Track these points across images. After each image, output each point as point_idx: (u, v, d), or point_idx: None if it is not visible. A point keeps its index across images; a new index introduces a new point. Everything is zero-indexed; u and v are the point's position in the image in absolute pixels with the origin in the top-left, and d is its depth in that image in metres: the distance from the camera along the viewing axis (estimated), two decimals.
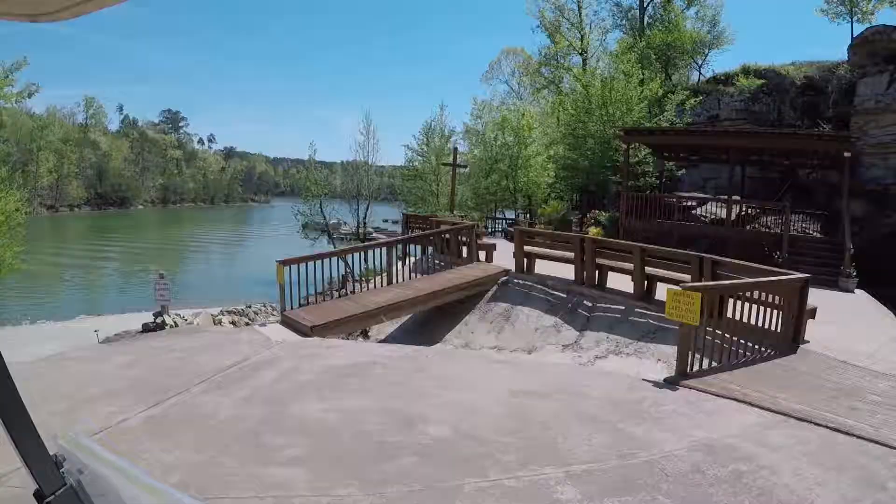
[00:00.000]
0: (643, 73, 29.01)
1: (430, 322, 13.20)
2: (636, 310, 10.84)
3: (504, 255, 14.70)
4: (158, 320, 12.61)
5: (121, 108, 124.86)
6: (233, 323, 14.87)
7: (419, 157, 36.39)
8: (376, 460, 4.99)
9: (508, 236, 23.09)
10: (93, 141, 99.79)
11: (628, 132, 21.58)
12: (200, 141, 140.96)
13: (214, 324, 14.38)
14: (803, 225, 20.42)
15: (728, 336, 7.83)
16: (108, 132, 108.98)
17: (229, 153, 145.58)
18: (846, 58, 24.62)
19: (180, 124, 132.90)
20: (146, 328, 12.53)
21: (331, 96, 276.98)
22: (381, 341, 12.67)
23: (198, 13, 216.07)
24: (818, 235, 19.55)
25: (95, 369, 8.61)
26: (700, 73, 37.29)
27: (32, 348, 10.94)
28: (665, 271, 10.83)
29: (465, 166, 32.88)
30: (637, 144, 23.89)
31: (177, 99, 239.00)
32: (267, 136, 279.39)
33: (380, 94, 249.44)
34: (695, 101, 28.45)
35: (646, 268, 11.07)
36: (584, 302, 11.72)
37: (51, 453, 1.11)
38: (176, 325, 12.56)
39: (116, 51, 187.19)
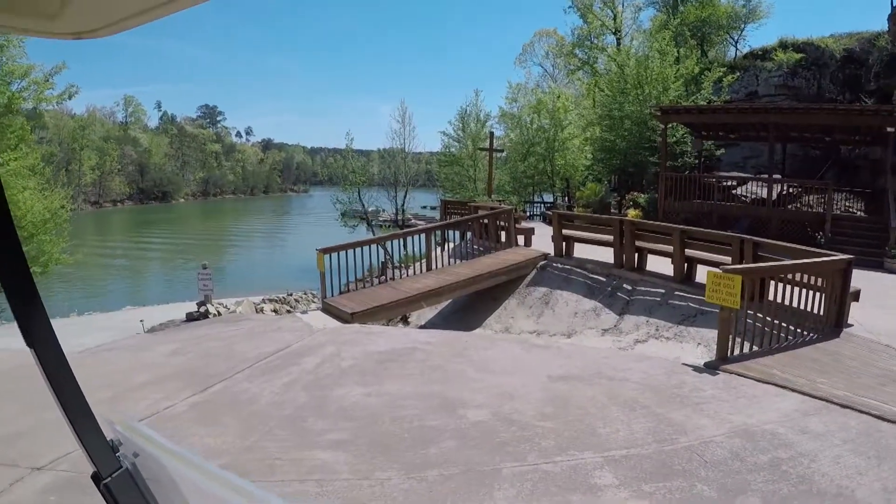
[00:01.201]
0: (678, 51, 28.40)
1: (469, 307, 13.21)
2: (676, 293, 10.69)
3: (543, 239, 14.64)
4: (202, 309, 12.78)
5: (159, 106, 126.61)
6: (274, 311, 15.05)
7: (455, 143, 36.28)
8: (417, 444, 5.04)
9: (547, 220, 22.91)
10: (133, 138, 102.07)
11: (665, 111, 21.15)
12: (238, 134, 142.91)
13: (256, 312, 14.58)
14: (846, 204, 19.61)
15: (769, 319, 7.70)
16: (147, 129, 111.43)
17: (267, 145, 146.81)
18: (886, 28, 23.88)
19: (218, 119, 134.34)
20: (190, 317, 12.72)
21: (366, 85, 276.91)
22: (420, 327, 12.71)
23: (231, 9, 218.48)
24: (862, 215, 18.91)
25: (141, 358, 8.85)
26: (736, 49, 36.24)
27: (81, 339, 11.16)
28: (705, 253, 10.64)
29: (502, 150, 32.80)
30: (675, 124, 23.39)
31: (214, 95, 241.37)
32: (303, 126, 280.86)
33: (415, 81, 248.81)
34: (732, 77, 27.71)
35: (686, 250, 10.89)
36: (624, 285, 11.59)
37: (107, 438, 1.14)
38: (219, 313, 12.67)
39: (153, 51, 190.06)
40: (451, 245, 15.86)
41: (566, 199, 30.55)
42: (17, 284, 0.91)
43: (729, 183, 20.97)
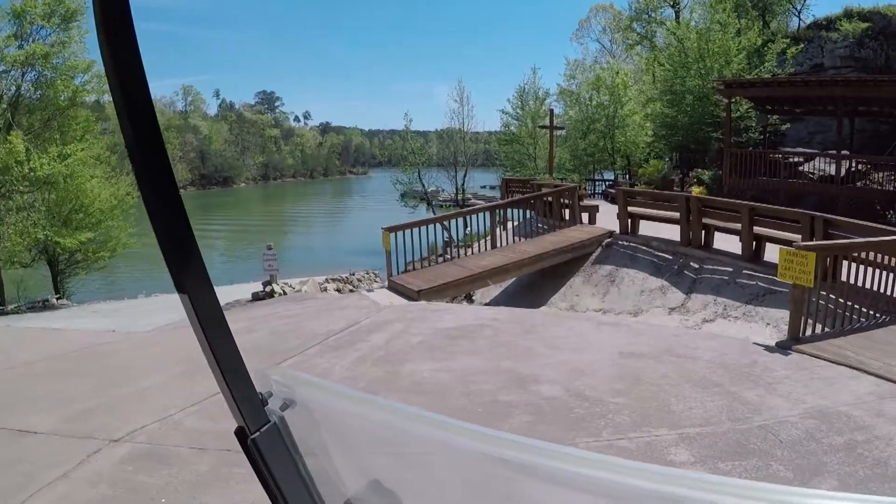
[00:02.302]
0: (739, 22, 27.30)
1: (534, 285, 13.21)
2: (744, 271, 10.47)
3: (606, 217, 14.50)
4: (267, 289, 12.92)
5: (217, 94, 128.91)
6: (337, 290, 15.23)
7: (515, 121, 35.85)
8: (490, 418, 5.08)
9: (608, 198, 22.64)
10: (193, 126, 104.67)
11: (729, 85, 20.49)
12: (296, 118, 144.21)
13: (321, 291, 14.82)
14: None
15: (841, 301, 7.55)
16: (207, 117, 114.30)
17: (325, 128, 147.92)
18: None
19: (276, 104, 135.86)
20: (256, 297, 12.86)
21: (421, 67, 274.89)
22: (485, 305, 12.77)
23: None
24: None
25: None
26: (799, 19, 34.54)
27: (151, 318, 11.49)
28: (774, 231, 10.36)
29: (563, 128, 32.28)
30: (738, 98, 22.77)
31: (270, 81, 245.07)
32: (360, 109, 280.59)
33: (470, 61, 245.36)
34: (795, 49, 26.68)
35: (754, 227, 10.64)
36: (691, 263, 11.41)
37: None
38: (284, 293, 12.83)
39: (209, 41, 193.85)
40: (514, 223, 15.81)
41: (627, 176, 30.10)
42: (172, 222, 0.89)
43: (795, 159, 20.33)
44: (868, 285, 7.77)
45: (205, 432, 5.17)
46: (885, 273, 7.85)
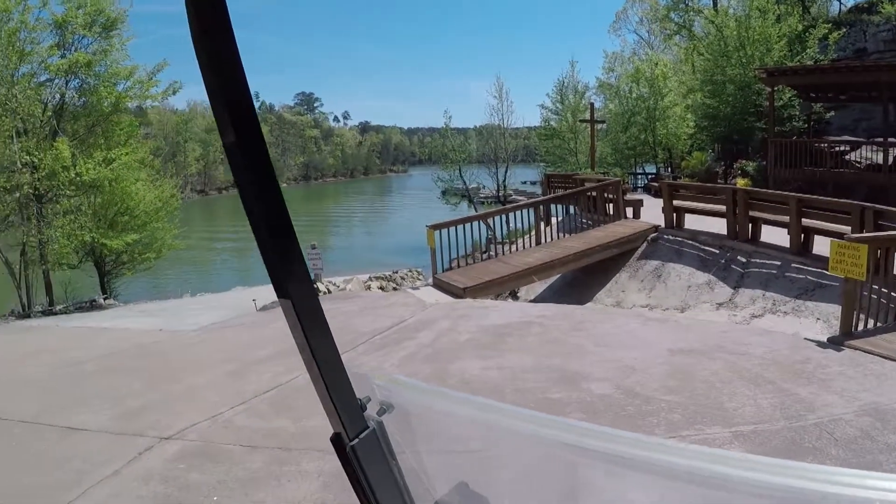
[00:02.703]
0: (778, 8, 26.52)
1: (579, 282, 13.15)
2: (792, 265, 10.27)
3: (650, 211, 14.35)
4: None
5: (257, 96, 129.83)
6: (381, 288, 15.30)
7: (555, 116, 35.45)
8: None
9: (651, 191, 22.34)
10: None
11: (771, 73, 20.00)
12: (336, 119, 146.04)
13: (365, 290, 14.94)
14: None
15: (894, 294, 7.37)
16: None
17: (364, 128, 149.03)
18: None
19: (315, 105, 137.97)
20: None
21: (457, 65, 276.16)
22: (530, 302, 12.72)
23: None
24: None
25: (259, 334, 9.19)
26: (840, 3, 33.71)
27: (197, 318, 11.54)
28: (823, 223, 10.12)
29: (603, 122, 32.03)
30: (781, 87, 22.29)
31: (309, 82, 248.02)
32: (398, 108, 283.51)
33: (506, 57, 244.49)
34: (837, 34, 25.79)
35: (802, 219, 10.40)
36: (738, 257, 11.22)
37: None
38: (329, 291, 12.82)
39: (246, 45, 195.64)
40: (556, 219, 15.76)
41: (669, 169, 29.72)
42: (275, 223, 0.87)
43: (841, 148, 19.82)
44: None
45: (255, 430, 5.27)
46: None
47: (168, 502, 4.14)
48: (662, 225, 13.10)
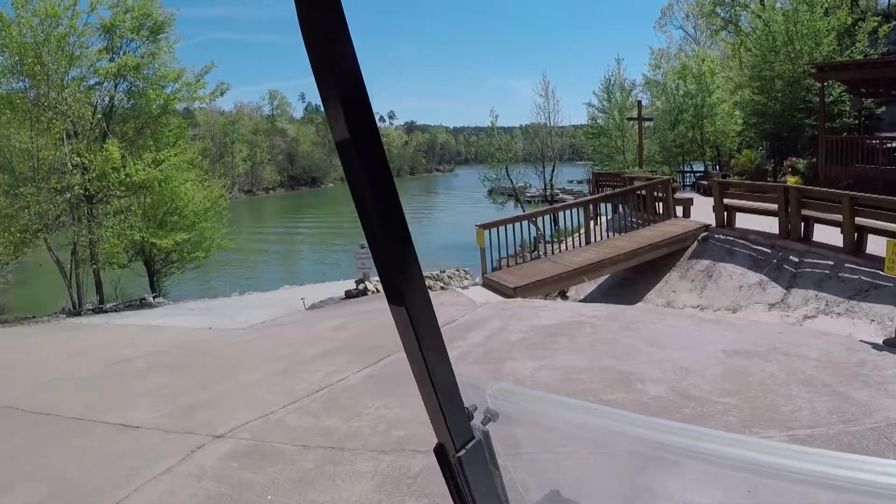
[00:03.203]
0: (826, 1, 26.03)
1: (628, 281, 13.07)
2: (846, 265, 10.00)
3: (699, 210, 14.21)
4: (360, 287, 12.91)
5: (303, 97, 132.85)
6: (429, 287, 15.42)
7: (601, 114, 35.16)
8: None
9: (699, 190, 22.04)
10: (280, 129, 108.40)
11: (821, 68, 19.55)
12: (381, 118, 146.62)
13: None
14: None
15: None
16: (293, 120, 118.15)
17: (410, 127, 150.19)
18: None
19: None
20: (349, 294, 12.86)
21: (501, 65, 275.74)
22: (580, 301, 12.66)
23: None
24: None
25: (309, 332, 9.25)
26: None
27: (247, 316, 11.64)
28: (877, 221, 9.83)
29: (651, 119, 31.71)
30: (830, 82, 21.79)
31: None
32: (444, 108, 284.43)
33: (550, 55, 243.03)
34: (887, 27, 25.04)
35: (855, 218, 10.09)
36: (790, 257, 10.99)
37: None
38: (377, 290, 12.73)
39: (292, 48, 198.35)
40: (605, 218, 15.68)
41: (717, 167, 29.24)
42: (391, 227, 0.83)
43: (893, 144, 19.30)
44: None
45: (307, 429, 5.27)
46: None
47: (222, 501, 4.17)
48: (713, 224, 12.92)
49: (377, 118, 0.87)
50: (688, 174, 31.12)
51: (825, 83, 20.32)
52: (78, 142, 16.15)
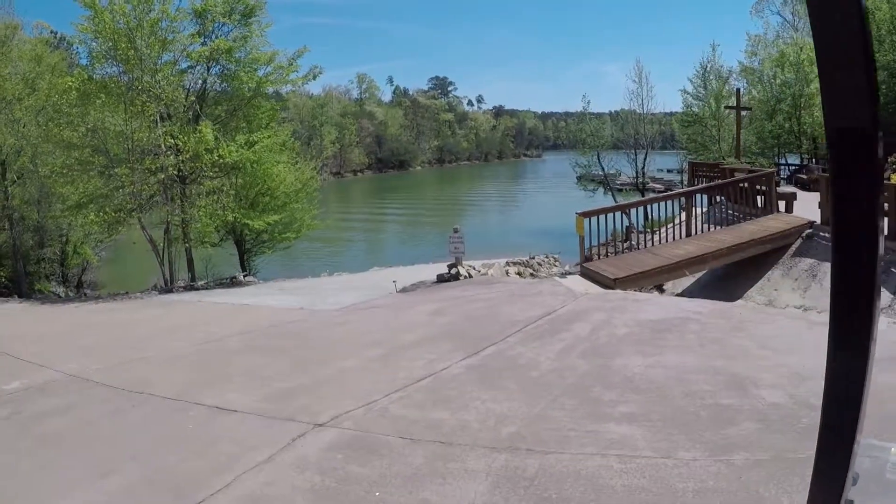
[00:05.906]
0: None
1: (727, 277, 12.55)
2: None
3: (801, 205, 13.45)
4: (453, 271, 12.63)
5: (391, 80, 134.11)
6: (518, 274, 14.99)
7: (697, 102, 33.76)
8: (715, 424, 4.72)
9: (798, 183, 21.00)
10: (369, 112, 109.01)
11: None
12: (469, 103, 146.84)
13: (505, 275, 14.83)
14: None
15: None
16: (382, 103, 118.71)
17: (498, 112, 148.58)
18: None
19: (449, 89, 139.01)
20: (441, 278, 12.59)
21: (591, 48, 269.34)
22: (677, 295, 12.30)
23: None
24: None
25: (404, 317, 9.07)
26: None
27: (338, 297, 11.42)
28: None
29: (750, 108, 30.15)
30: None
31: (442, 67, 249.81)
32: (532, 92, 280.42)
33: (641, 39, 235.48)
34: None
35: None
36: None
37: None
38: (469, 275, 12.52)
39: (381, 32, 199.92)
40: (700, 209, 15.17)
41: (814, 160, 27.78)
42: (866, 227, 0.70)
43: None
44: None
45: (413, 421, 4.99)
46: None
47: (327, 495, 3.91)
48: (818, 221, 12.19)
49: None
50: (783, 167, 29.59)
51: None
52: (171, 124, 16.40)
